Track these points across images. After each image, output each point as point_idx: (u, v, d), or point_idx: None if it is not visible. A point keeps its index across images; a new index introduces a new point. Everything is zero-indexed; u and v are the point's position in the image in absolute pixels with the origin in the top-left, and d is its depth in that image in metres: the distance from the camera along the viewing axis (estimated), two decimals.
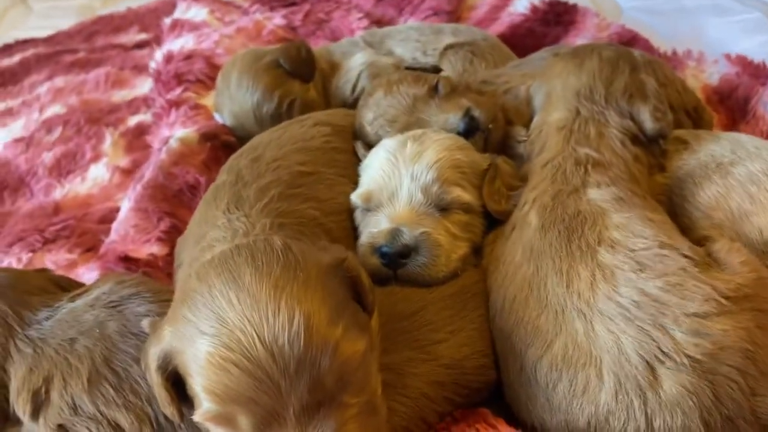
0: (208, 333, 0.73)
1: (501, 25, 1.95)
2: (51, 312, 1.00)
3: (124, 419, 0.91)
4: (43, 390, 0.94)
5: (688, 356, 0.81)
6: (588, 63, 1.22)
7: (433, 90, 1.26)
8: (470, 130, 1.20)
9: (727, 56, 1.61)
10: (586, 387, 0.85)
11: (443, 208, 1.08)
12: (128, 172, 1.62)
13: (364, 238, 1.07)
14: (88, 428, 0.91)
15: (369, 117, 1.28)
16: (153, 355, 0.80)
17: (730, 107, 1.53)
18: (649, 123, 1.16)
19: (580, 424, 0.86)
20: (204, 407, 0.74)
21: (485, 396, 0.99)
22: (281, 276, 0.76)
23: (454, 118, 1.21)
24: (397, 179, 1.09)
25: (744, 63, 1.58)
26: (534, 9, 1.94)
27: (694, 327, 0.82)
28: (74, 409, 0.92)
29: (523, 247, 1.00)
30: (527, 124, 1.26)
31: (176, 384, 0.81)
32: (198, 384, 0.74)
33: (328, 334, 0.73)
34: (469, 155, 1.15)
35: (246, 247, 0.83)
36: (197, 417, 0.76)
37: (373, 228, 1.07)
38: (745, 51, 1.65)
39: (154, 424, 0.92)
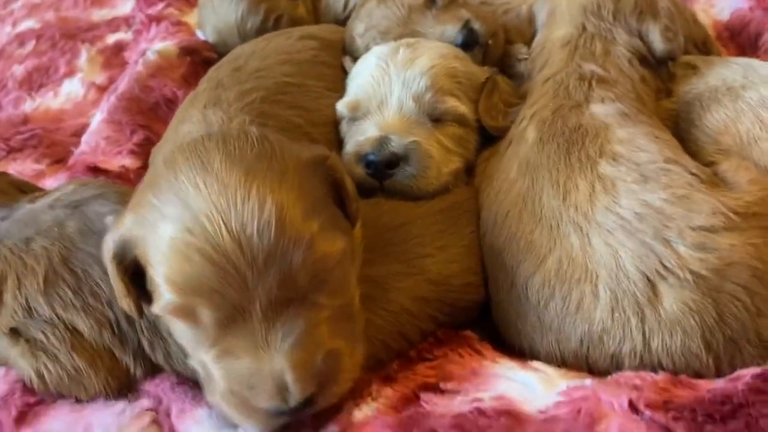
0: (171, 217, 0.67)
1: None
2: (7, 212, 0.93)
3: (82, 323, 0.85)
4: None
5: (692, 271, 0.75)
6: None
7: (430, 1, 1.17)
8: (468, 44, 1.12)
9: None
10: (580, 304, 0.79)
11: (436, 119, 1.01)
12: (104, 89, 1.52)
13: (350, 147, 1.00)
14: (43, 332, 0.85)
15: (360, 29, 1.19)
16: (110, 242, 0.73)
17: (740, 44, 1.44)
18: (658, 43, 1.09)
19: (572, 344, 0.80)
20: (164, 298, 0.68)
21: (472, 316, 0.93)
22: (254, 163, 0.69)
23: (452, 29, 1.13)
24: (387, 86, 1.01)
25: None
26: None
27: (700, 240, 0.76)
28: (29, 311, 0.86)
29: (519, 162, 0.93)
30: (528, 43, 1.18)
31: (136, 279, 0.74)
32: (158, 273, 0.68)
33: (302, 228, 0.67)
34: (466, 66, 1.07)
35: (219, 134, 0.76)
36: (156, 309, 0.70)
37: (360, 136, 0.99)
38: None
39: (115, 329, 0.86)
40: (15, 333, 0.87)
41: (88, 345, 0.85)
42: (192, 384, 0.84)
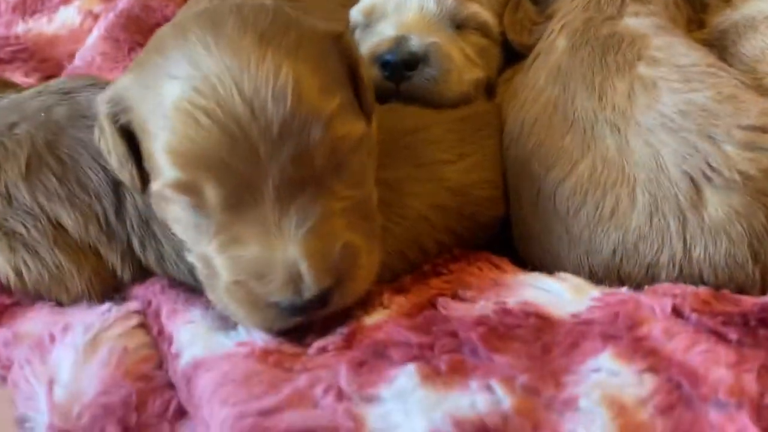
0: (178, 77, 0.60)
1: None
2: None
3: (66, 216, 0.77)
4: None
5: (740, 171, 0.69)
6: None
7: None
8: None
9: None
10: (614, 210, 0.73)
11: (458, 25, 0.94)
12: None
13: (364, 48, 0.92)
14: (23, 224, 0.78)
15: None
16: (104, 99, 0.65)
17: None
18: None
19: (603, 255, 0.73)
20: (165, 174, 0.61)
21: (490, 234, 0.86)
22: (270, 29, 0.62)
23: None
24: None
25: None
26: None
27: (750, 139, 0.70)
28: (8, 199, 0.78)
29: (549, 70, 0.86)
30: None
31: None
32: (160, 142, 0.60)
33: (320, 102, 0.60)
34: None
35: (232, 1, 0.69)
36: (155, 187, 0.63)
37: (375, 38, 0.92)
38: None
39: (103, 225, 0.78)
40: None
41: (72, 241, 0.78)
42: (186, 287, 0.76)
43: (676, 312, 0.62)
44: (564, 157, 0.78)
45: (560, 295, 0.69)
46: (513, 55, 1.00)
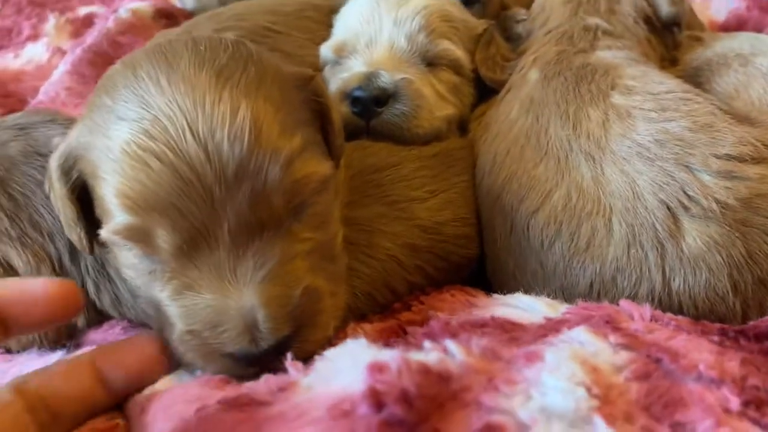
0: (127, 118, 0.56)
1: None
2: None
3: (17, 257, 0.73)
4: None
5: (718, 201, 0.66)
6: None
7: None
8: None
9: None
10: (590, 240, 0.70)
11: (429, 62, 0.93)
12: None
13: (333, 86, 0.90)
14: None
15: None
16: (55, 155, 0.62)
17: None
18: (665, 6, 1.03)
19: (580, 288, 0.70)
20: (115, 219, 0.57)
21: (463, 276, 0.83)
22: (228, 66, 0.59)
23: None
24: (377, 24, 0.92)
25: None
26: None
27: (727, 168, 0.68)
28: None
29: (521, 102, 0.85)
30: (527, 8, 1.12)
31: (83, 208, 0.64)
32: (109, 186, 0.57)
33: (280, 142, 0.57)
34: (463, 14, 1.00)
35: (187, 36, 0.66)
36: (105, 232, 0.59)
37: (345, 74, 0.90)
38: None
39: (56, 267, 0.74)
40: None
41: None
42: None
43: (656, 319, 0.58)
44: (537, 186, 0.75)
45: (534, 308, 0.65)
46: (486, 92, 0.98)
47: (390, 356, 0.42)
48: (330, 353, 0.53)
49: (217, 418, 0.46)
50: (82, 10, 1.63)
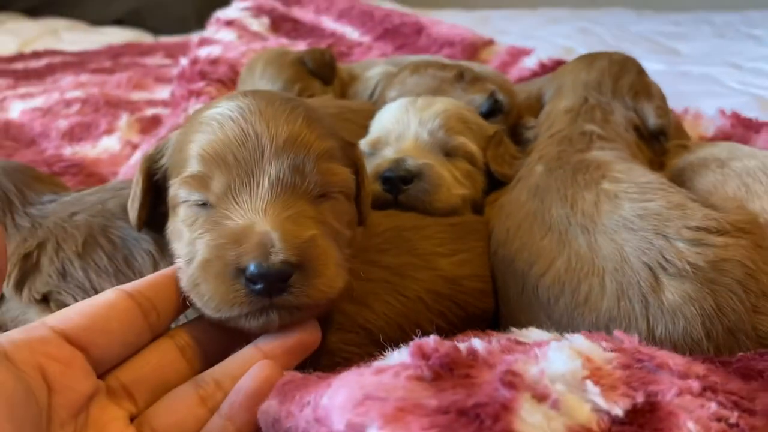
0: (216, 105, 0.77)
1: (511, 78, 2.07)
2: (56, 197, 1.00)
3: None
4: (34, 254, 0.91)
5: (690, 263, 0.82)
6: (598, 62, 1.31)
7: (459, 76, 1.33)
8: (493, 112, 1.26)
9: (722, 111, 1.71)
10: (588, 296, 0.85)
11: (447, 153, 1.12)
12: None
13: (369, 170, 1.08)
14: (74, 297, 0.89)
15: (392, 94, 1.33)
16: (150, 148, 0.82)
17: None
18: (652, 118, 1.23)
19: None
20: (188, 169, 0.74)
21: (482, 329, 0.96)
22: (301, 110, 0.77)
23: (479, 98, 1.27)
24: (406, 124, 1.13)
25: (737, 117, 1.67)
26: (542, 65, 2.08)
27: (697, 237, 0.83)
28: (63, 275, 0.90)
29: (529, 188, 1.03)
30: (536, 116, 1.32)
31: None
32: (194, 144, 0.74)
33: (323, 142, 0.75)
34: (477, 119, 1.20)
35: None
36: (176, 182, 0.75)
37: (379, 161, 1.09)
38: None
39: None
40: (45, 301, 0.90)
41: None
42: None
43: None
44: (544, 255, 0.91)
45: (543, 337, 0.77)
46: (496, 184, 1.17)
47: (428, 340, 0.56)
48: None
49: None
50: (149, 111, 1.88)
